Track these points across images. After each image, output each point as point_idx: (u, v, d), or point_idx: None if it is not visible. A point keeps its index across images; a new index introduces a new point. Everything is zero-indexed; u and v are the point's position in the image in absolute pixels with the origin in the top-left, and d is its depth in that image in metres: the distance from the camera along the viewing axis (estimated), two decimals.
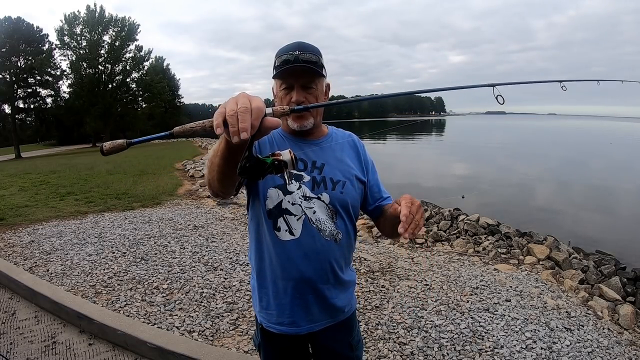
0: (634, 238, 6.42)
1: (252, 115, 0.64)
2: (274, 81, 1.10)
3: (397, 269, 3.62)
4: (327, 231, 1.08)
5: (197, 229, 4.79)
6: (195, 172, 10.48)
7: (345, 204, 1.11)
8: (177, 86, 58.00)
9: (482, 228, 5.32)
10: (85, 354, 2.39)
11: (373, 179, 1.21)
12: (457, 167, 16.20)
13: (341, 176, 1.12)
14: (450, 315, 2.74)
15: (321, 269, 1.09)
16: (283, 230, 1.07)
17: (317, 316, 1.13)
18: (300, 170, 1.10)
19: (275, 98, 1.12)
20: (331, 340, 1.17)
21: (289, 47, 1.05)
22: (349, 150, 1.19)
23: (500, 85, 1.00)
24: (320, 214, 1.08)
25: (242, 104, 0.64)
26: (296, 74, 1.03)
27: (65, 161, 17.10)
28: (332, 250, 1.10)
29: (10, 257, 3.85)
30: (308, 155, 1.11)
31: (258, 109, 0.65)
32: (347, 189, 1.11)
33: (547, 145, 27.21)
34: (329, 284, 1.11)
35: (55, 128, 41.08)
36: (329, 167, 1.12)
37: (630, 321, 2.93)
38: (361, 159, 1.20)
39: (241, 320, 2.67)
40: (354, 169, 1.15)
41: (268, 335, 1.17)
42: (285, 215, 1.07)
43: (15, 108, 30.25)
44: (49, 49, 30.89)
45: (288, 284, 1.09)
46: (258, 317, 1.20)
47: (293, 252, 1.07)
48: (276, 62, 1.05)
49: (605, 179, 12.79)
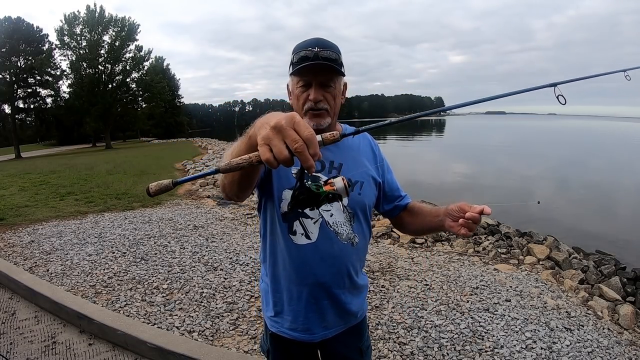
0: (634, 238, 6.42)
1: (313, 148, 0.56)
2: (290, 78, 1.05)
3: (397, 269, 3.62)
4: (344, 234, 1.05)
5: (197, 229, 4.79)
6: (195, 172, 10.49)
7: (363, 206, 1.08)
8: (177, 86, 58.15)
9: (482, 228, 5.32)
10: (85, 354, 2.39)
11: (390, 178, 1.18)
12: (456, 167, 16.20)
13: (359, 176, 1.08)
14: (450, 315, 2.74)
15: (338, 273, 1.06)
16: (299, 234, 1.03)
17: (331, 322, 1.10)
18: (318, 171, 1.06)
19: (292, 96, 1.09)
20: (341, 345, 1.14)
21: (308, 43, 1.00)
22: (365, 148, 1.15)
23: (562, 83, 0.92)
24: (338, 216, 1.05)
25: (307, 131, 0.56)
26: (315, 71, 0.98)
27: (65, 161, 17.10)
28: (349, 253, 1.07)
29: (10, 257, 3.85)
30: (325, 154, 1.06)
31: (313, 138, 0.56)
32: (364, 190, 1.09)
33: (547, 145, 27.21)
34: (345, 288, 1.09)
35: (55, 128, 41.11)
36: (347, 167, 1.08)
37: (630, 321, 2.93)
38: (376, 158, 1.16)
39: (241, 320, 2.67)
40: (370, 169, 1.12)
41: (278, 341, 1.14)
42: (301, 218, 1.03)
43: (15, 108, 30.21)
44: (49, 49, 30.87)
45: (303, 289, 1.06)
46: (268, 323, 1.16)
47: (309, 257, 1.03)
48: (294, 59, 1.00)
49: (605, 179, 12.79)
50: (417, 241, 5.00)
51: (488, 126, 70.16)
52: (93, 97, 31.33)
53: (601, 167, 15.96)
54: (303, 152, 0.55)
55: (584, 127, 70.07)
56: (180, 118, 58.95)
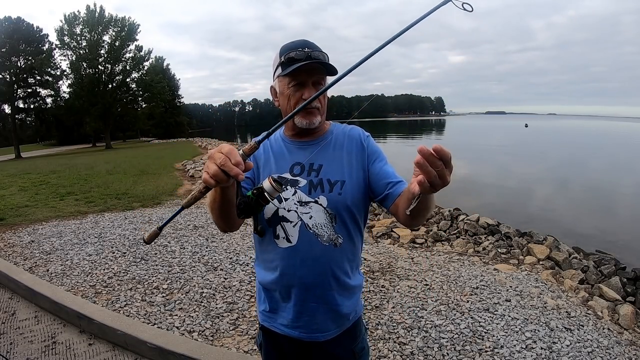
0: (634, 238, 6.42)
1: (234, 158, 0.72)
2: (279, 79, 1.06)
3: (397, 269, 3.62)
4: (325, 236, 1.05)
5: (197, 229, 4.79)
6: (195, 172, 10.48)
7: (344, 206, 1.06)
8: (177, 86, 58.12)
9: (482, 228, 5.32)
10: (85, 354, 2.39)
11: (377, 167, 1.09)
12: (456, 167, 16.15)
13: (339, 176, 1.07)
14: (450, 315, 2.74)
15: (321, 275, 1.06)
16: (281, 237, 1.06)
17: (321, 324, 1.10)
18: (297, 175, 1.07)
19: (277, 97, 1.09)
20: (334, 345, 1.13)
21: (298, 44, 1.03)
22: (350, 144, 1.12)
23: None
24: (318, 218, 1.05)
25: (227, 148, 0.73)
26: (309, 71, 1.01)
27: (65, 161, 17.11)
28: (332, 255, 1.06)
29: (10, 257, 3.85)
30: (305, 157, 1.09)
31: (233, 151, 0.73)
32: (346, 188, 1.06)
33: (546, 146, 27.20)
34: (332, 290, 1.08)
35: (55, 128, 41.10)
36: (327, 168, 1.08)
37: (630, 321, 2.93)
38: (365, 152, 1.11)
39: (241, 320, 2.66)
40: (354, 165, 1.09)
41: (270, 335, 1.16)
42: (282, 223, 1.05)
43: (15, 108, 30.24)
44: (49, 49, 30.89)
45: (290, 291, 1.07)
46: (260, 317, 1.18)
47: (291, 259, 1.05)
48: (283, 59, 1.02)
49: (605, 179, 12.79)
50: (417, 241, 5.00)
51: (487, 126, 70.18)
52: (93, 97, 31.35)
53: (601, 167, 15.96)
54: (226, 164, 0.70)
55: (584, 127, 70.06)
56: (180, 118, 58.90)
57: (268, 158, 1.12)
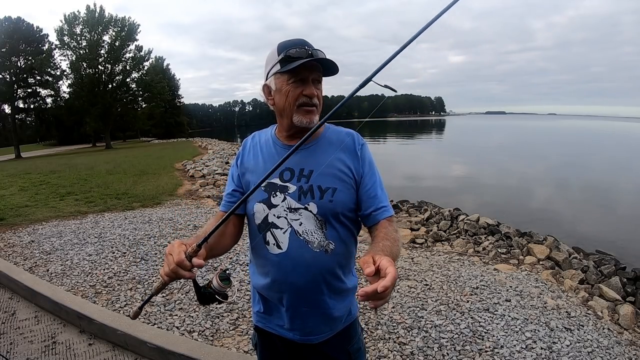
0: (634, 238, 6.42)
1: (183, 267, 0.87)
2: (275, 77, 1.04)
3: (397, 269, 3.62)
4: (315, 242, 1.04)
5: (197, 229, 4.78)
6: (195, 172, 10.49)
7: (334, 212, 1.04)
8: (177, 86, 58.11)
9: (482, 228, 5.33)
10: (85, 354, 2.39)
11: (369, 183, 1.07)
12: (456, 167, 16.20)
13: (330, 182, 1.04)
14: (450, 315, 2.74)
15: (313, 281, 1.05)
16: (272, 244, 1.06)
17: (314, 328, 1.10)
18: (287, 181, 1.06)
19: (271, 95, 1.08)
20: (328, 346, 1.13)
21: (297, 42, 1.02)
22: (343, 150, 1.09)
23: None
24: (308, 225, 1.03)
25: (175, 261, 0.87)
26: (310, 68, 1.02)
27: (65, 161, 17.10)
28: (323, 261, 1.05)
29: (10, 257, 3.85)
30: (297, 161, 1.06)
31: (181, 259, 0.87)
32: (337, 196, 1.04)
33: (546, 145, 27.20)
34: (324, 295, 1.07)
35: (55, 128, 41.09)
36: (318, 174, 1.05)
37: (630, 321, 2.93)
38: (358, 160, 1.09)
39: (241, 320, 2.67)
40: (346, 172, 1.06)
41: (264, 335, 1.17)
42: (272, 229, 1.05)
43: (15, 108, 30.22)
44: (49, 49, 30.85)
45: (282, 296, 1.08)
46: (254, 318, 1.20)
47: (282, 266, 1.05)
48: (282, 56, 1.01)
49: (605, 179, 12.79)
50: (417, 241, 5.00)
51: (487, 126, 70.14)
52: (93, 97, 31.31)
53: (601, 167, 15.97)
54: (177, 272, 0.87)
55: (584, 127, 70.05)
56: (180, 118, 58.89)
57: (257, 162, 1.12)
